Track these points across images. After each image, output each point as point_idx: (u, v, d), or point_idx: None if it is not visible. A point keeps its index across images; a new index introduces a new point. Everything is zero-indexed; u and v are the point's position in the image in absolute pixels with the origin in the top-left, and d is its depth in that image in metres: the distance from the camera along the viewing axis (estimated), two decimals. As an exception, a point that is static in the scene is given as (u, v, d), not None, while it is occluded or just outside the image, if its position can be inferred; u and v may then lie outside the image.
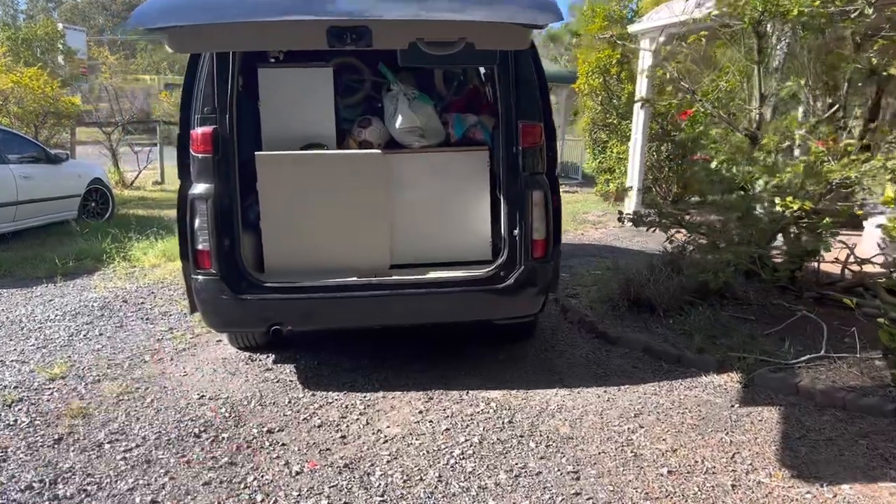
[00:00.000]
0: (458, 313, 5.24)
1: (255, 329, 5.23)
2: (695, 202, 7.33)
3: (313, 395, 5.11)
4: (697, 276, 6.17)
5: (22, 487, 3.94)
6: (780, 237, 6.60)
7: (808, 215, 6.03)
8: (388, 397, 5.05)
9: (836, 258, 6.68)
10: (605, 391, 5.11)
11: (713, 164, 6.29)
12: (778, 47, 6.75)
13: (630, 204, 11.56)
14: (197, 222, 4.99)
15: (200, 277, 5.04)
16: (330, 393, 5.13)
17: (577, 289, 7.44)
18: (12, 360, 5.80)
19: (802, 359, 5.29)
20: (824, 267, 6.84)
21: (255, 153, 5.11)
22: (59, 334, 6.46)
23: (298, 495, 3.88)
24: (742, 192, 6.48)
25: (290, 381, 5.36)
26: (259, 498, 3.86)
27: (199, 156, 4.95)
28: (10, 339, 6.33)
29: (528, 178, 5.08)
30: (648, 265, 6.92)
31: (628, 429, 4.57)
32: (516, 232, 5.09)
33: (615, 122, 13.95)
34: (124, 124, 15.76)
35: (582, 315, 6.52)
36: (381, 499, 3.84)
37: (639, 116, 11.31)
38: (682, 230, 6.90)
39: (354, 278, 5.11)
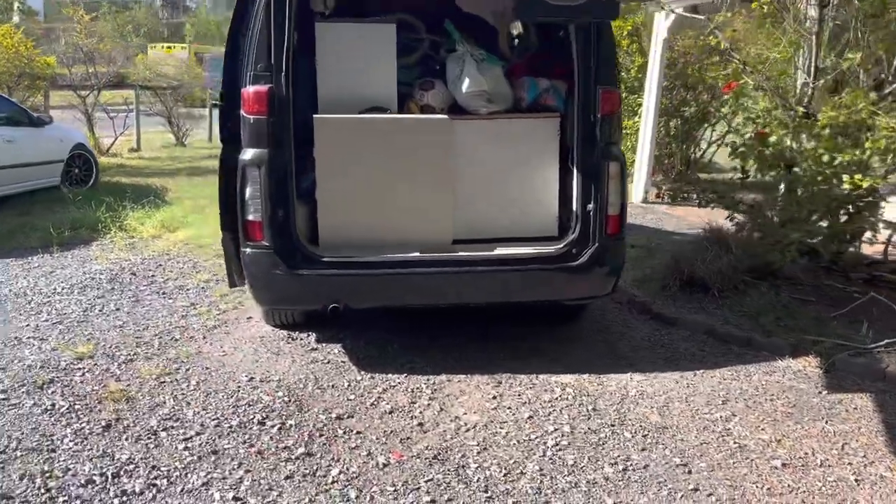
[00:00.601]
0: (526, 293, 4.92)
1: (310, 307, 4.84)
2: (729, 180, 7.05)
3: (372, 377, 4.76)
4: (765, 255, 5.92)
5: (82, 482, 3.53)
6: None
7: (870, 193, 5.81)
8: (453, 381, 4.72)
9: (871, 238, 6.48)
10: (681, 376, 4.83)
11: (771, 139, 6.02)
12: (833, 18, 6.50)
13: (640, 180, 11.30)
14: (248, 191, 4.58)
15: (250, 250, 4.64)
16: (390, 375, 4.77)
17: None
18: (29, 338, 5.33)
19: (881, 343, 5.07)
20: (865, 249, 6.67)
21: (314, 116, 4.70)
22: (71, 308, 5.99)
23: (395, 491, 3.53)
24: (793, 169, 6.25)
25: (342, 362, 4.99)
26: (353, 494, 3.51)
27: (252, 117, 4.53)
28: (21, 314, 5.85)
29: (604, 149, 4.76)
30: (693, 244, 6.66)
31: (721, 417, 4.30)
32: (590, 206, 4.77)
33: (623, 95, 13.67)
34: (100, 87, 14.98)
35: (630, 295, 6.24)
36: (486, 494, 3.52)
37: (651, 90, 11.02)
38: (729, 209, 6.64)
39: (417, 253, 4.74)
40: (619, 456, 3.87)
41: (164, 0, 49.62)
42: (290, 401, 4.42)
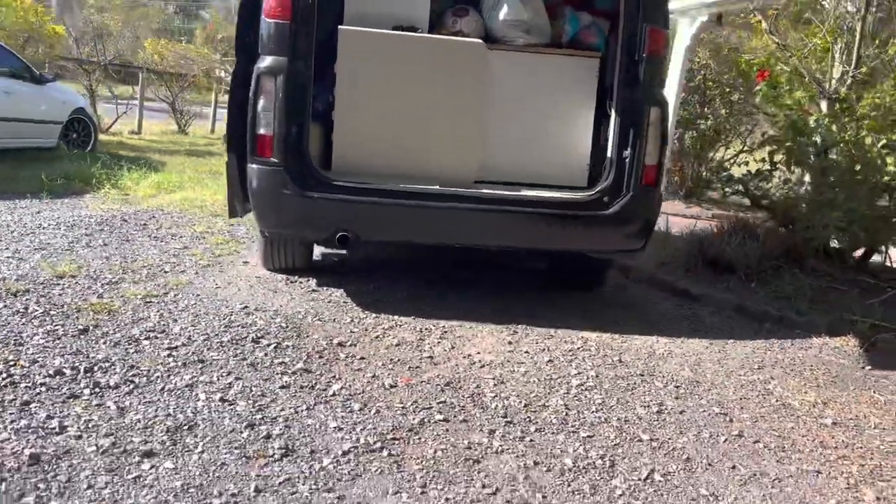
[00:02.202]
0: (550, 240, 4.55)
1: (319, 234, 4.42)
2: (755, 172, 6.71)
3: (377, 316, 4.36)
4: (795, 241, 5.58)
5: (51, 373, 3.11)
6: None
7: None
8: (464, 326, 4.32)
9: None
10: (710, 343, 4.45)
11: (811, 120, 5.71)
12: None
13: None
14: (262, 102, 4.21)
15: (257, 166, 4.26)
16: (396, 316, 4.38)
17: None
18: (7, 257, 4.92)
19: (924, 327, 4.71)
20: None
21: (339, 27, 4.35)
22: (56, 241, 5.57)
23: (403, 408, 3.13)
24: (829, 156, 5.94)
25: (345, 302, 4.60)
26: (356, 406, 3.10)
27: (273, 22, 4.17)
28: (0, 241, 5.43)
29: (647, 91, 4.42)
30: (718, 229, 6.31)
31: (759, 379, 3.92)
32: (626, 153, 4.41)
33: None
34: (106, 64, 14.65)
35: (651, 273, 5.87)
36: (506, 419, 3.12)
37: (670, 99, 10.71)
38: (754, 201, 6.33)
39: (437, 186, 4.38)
40: (651, 401, 3.47)
41: (178, 7, 49.63)
42: (287, 327, 4.02)
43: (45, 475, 2.34)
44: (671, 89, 10.91)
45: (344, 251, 5.82)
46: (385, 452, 2.73)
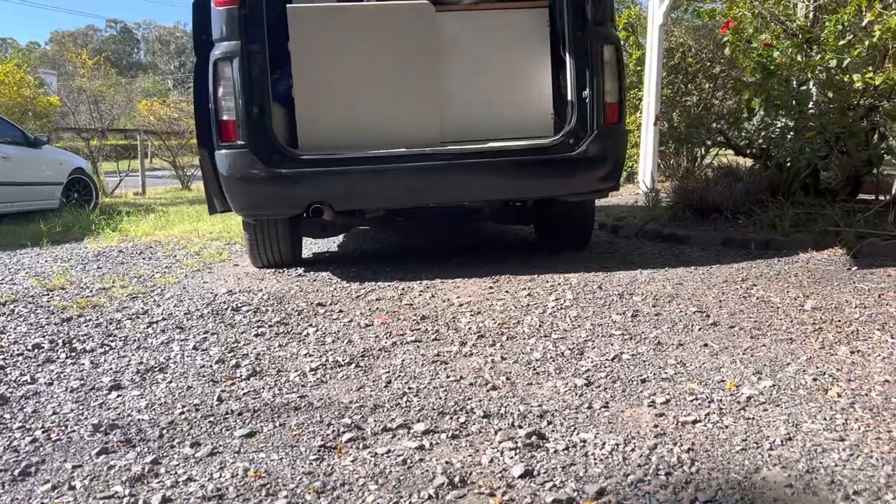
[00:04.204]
0: (523, 189, 4.58)
1: (292, 210, 4.47)
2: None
3: (361, 284, 4.40)
4: (786, 163, 5.58)
5: (29, 347, 3.17)
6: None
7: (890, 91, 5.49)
8: (447, 282, 4.35)
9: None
10: (693, 269, 4.44)
11: (776, 53, 5.73)
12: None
13: (646, 171, 10.95)
14: (221, 89, 4.31)
15: (226, 151, 4.35)
16: (381, 282, 4.42)
17: (620, 219, 6.74)
18: (0, 284, 5.01)
19: (913, 228, 4.66)
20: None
21: (287, 6, 4.46)
22: (51, 270, 5.66)
23: (376, 337, 3.16)
24: (802, 88, 5.98)
25: (330, 279, 4.64)
26: (329, 340, 3.13)
27: (223, 9, 4.29)
28: (-4, 274, 5.54)
29: (596, 31, 4.47)
30: (702, 178, 6.32)
31: (742, 287, 3.90)
32: (586, 94, 4.46)
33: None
34: (104, 130, 14.96)
35: (639, 227, 5.87)
36: (478, 335, 3.13)
37: (650, 80, 10.77)
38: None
39: (402, 149, 4.43)
40: (626, 310, 3.47)
41: (176, 81, 50.70)
42: (268, 299, 4.06)
43: (11, 410, 2.38)
44: (651, 69, 10.98)
45: (335, 248, 5.89)
46: (353, 366, 2.75)
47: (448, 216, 5.29)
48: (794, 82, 6.03)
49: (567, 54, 4.54)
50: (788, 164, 5.65)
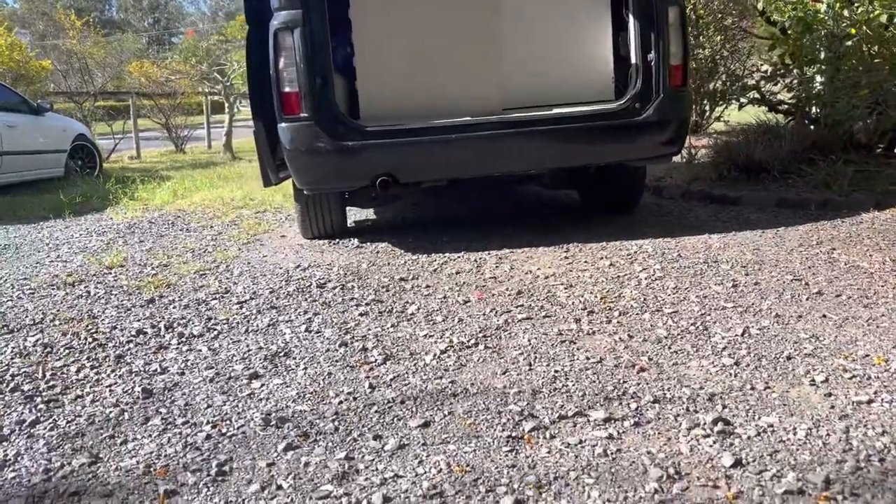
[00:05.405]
0: (587, 155, 4.55)
1: (358, 183, 4.42)
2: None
3: (429, 256, 4.37)
4: (833, 120, 5.57)
5: (133, 333, 3.13)
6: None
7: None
8: (516, 252, 4.33)
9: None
10: (762, 232, 4.45)
11: (821, 7, 5.70)
12: None
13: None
14: (283, 59, 4.21)
15: (288, 124, 4.26)
16: (447, 254, 4.39)
17: (659, 178, 6.74)
18: (52, 262, 4.93)
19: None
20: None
21: (350, -27, 4.36)
22: (92, 244, 5.58)
23: (484, 315, 3.14)
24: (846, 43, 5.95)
25: (393, 251, 4.60)
26: (439, 319, 3.11)
27: (284, -24, 4.17)
28: (38, 252, 5.44)
29: (662, -8, 4.40)
30: (743, 137, 6.30)
31: (821, 251, 3.92)
32: (651, 56, 4.40)
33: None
34: (97, 93, 14.65)
35: (684, 189, 5.86)
36: (587, 311, 3.12)
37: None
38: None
39: (468, 118, 4.38)
40: (723, 280, 3.48)
41: (151, 38, 49.66)
42: (345, 274, 4.03)
43: (163, 403, 2.35)
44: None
45: (374, 215, 5.84)
46: (481, 346, 2.74)
47: (503, 182, 5.25)
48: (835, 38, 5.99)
49: (631, 17, 4.48)
50: (837, 122, 5.64)
